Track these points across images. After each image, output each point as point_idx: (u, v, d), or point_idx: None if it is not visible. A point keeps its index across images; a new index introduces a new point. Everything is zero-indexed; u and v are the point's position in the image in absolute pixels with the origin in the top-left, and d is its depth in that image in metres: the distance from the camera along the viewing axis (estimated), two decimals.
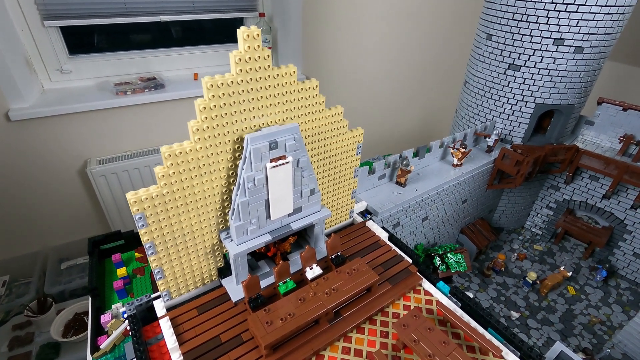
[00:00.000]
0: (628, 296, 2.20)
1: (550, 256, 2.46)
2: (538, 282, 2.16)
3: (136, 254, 1.43)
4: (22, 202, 2.16)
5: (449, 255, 1.88)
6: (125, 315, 1.08)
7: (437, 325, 1.01)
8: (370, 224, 1.38)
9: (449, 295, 1.15)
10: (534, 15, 1.86)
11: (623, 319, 2.03)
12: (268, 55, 0.83)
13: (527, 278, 2.15)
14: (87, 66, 2.20)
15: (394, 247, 1.28)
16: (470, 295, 1.47)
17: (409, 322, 0.98)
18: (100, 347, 1.07)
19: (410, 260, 1.22)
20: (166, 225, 0.90)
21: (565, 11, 1.79)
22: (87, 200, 2.35)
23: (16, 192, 2.12)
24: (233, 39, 2.59)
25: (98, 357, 1.06)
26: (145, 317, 1.06)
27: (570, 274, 2.16)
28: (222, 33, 2.57)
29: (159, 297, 1.05)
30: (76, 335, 1.75)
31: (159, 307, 1.02)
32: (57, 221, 2.31)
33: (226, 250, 1.09)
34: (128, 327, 1.11)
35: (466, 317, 1.06)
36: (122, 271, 1.33)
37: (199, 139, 0.83)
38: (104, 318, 1.12)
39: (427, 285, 1.18)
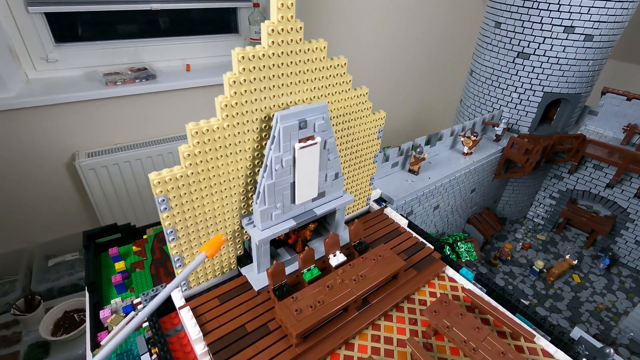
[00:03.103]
0: (630, 283, 2.23)
1: (553, 245, 2.48)
2: (545, 270, 2.17)
3: (134, 247, 1.37)
4: (6, 196, 2.04)
5: (459, 244, 1.87)
6: (136, 301, 1.02)
7: (467, 313, 0.99)
8: (389, 211, 1.35)
9: (473, 281, 1.12)
10: (545, 2, 1.85)
11: (628, 306, 2.06)
12: (300, 28, 0.78)
13: (534, 267, 2.16)
14: (74, 55, 2.08)
15: (414, 234, 1.25)
16: None
17: (439, 308, 0.96)
18: (101, 343, 1.01)
19: (432, 247, 1.20)
20: (189, 209, 0.85)
21: None
22: (76, 195, 2.24)
23: (0, 186, 2.01)
24: (225, 30, 2.52)
25: None
26: (160, 309, 1.01)
27: (575, 262, 2.17)
28: (214, 24, 2.48)
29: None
30: (67, 334, 1.68)
31: (177, 297, 0.97)
32: (44, 216, 2.20)
33: (247, 238, 1.05)
34: (139, 314, 1.05)
35: (494, 303, 1.04)
36: (120, 265, 1.26)
37: (227, 115, 0.78)
38: (104, 313, 1.07)
39: (450, 272, 1.15)
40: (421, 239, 1.23)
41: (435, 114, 3.83)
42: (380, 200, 1.52)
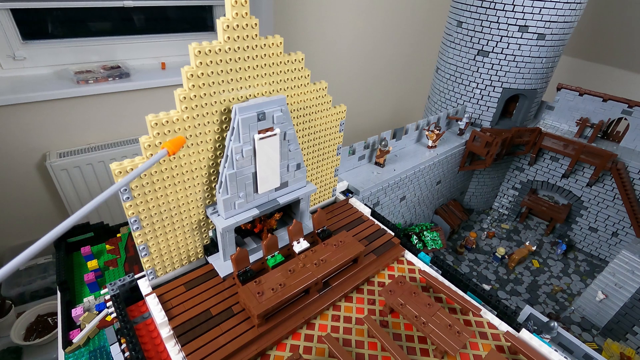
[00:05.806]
0: (584, 267, 2.40)
1: (516, 234, 2.62)
2: (506, 256, 2.30)
3: (107, 246, 1.37)
4: None
5: (425, 233, 1.96)
6: (108, 297, 1.04)
7: (420, 291, 1.06)
8: (353, 200, 1.41)
9: (430, 264, 1.20)
10: (501, 3, 1.96)
11: (581, 287, 2.22)
12: (255, 24, 0.83)
13: (496, 253, 2.29)
14: (43, 53, 2.01)
15: (376, 222, 1.32)
16: None
17: (394, 288, 1.03)
18: (73, 340, 1.03)
19: (392, 233, 1.27)
20: (152, 199, 0.88)
21: None
22: (47, 196, 2.18)
23: None
24: (201, 28, 2.52)
25: (71, 352, 1.02)
26: (128, 298, 1.04)
27: (534, 248, 2.31)
28: (190, 22, 2.47)
29: (142, 276, 1.03)
30: (40, 338, 1.65)
31: (144, 285, 1.00)
32: (14, 219, 2.13)
33: (212, 227, 1.08)
34: (111, 311, 1.07)
35: (447, 283, 1.12)
36: (92, 264, 1.27)
37: (186, 107, 0.82)
38: (76, 312, 1.08)
39: (409, 256, 1.23)
40: (382, 226, 1.30)
41: (413, 111, 3.94)
42: (347, 192, 1.58)
